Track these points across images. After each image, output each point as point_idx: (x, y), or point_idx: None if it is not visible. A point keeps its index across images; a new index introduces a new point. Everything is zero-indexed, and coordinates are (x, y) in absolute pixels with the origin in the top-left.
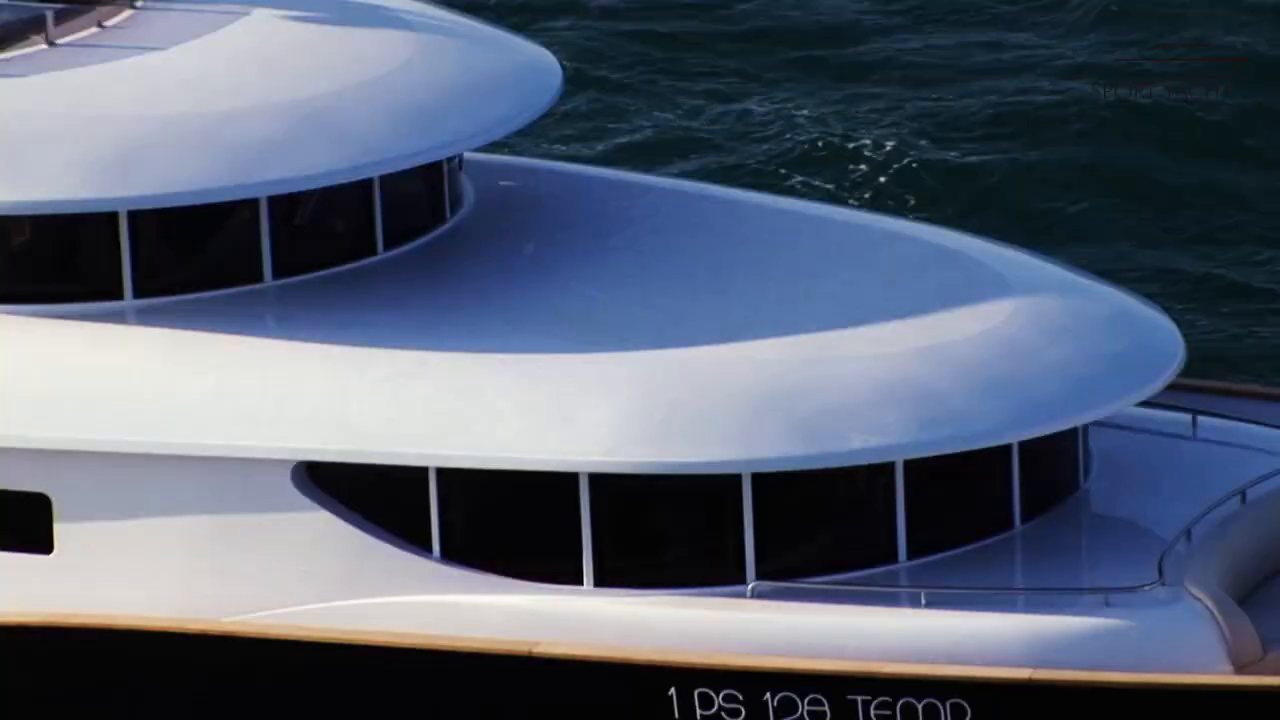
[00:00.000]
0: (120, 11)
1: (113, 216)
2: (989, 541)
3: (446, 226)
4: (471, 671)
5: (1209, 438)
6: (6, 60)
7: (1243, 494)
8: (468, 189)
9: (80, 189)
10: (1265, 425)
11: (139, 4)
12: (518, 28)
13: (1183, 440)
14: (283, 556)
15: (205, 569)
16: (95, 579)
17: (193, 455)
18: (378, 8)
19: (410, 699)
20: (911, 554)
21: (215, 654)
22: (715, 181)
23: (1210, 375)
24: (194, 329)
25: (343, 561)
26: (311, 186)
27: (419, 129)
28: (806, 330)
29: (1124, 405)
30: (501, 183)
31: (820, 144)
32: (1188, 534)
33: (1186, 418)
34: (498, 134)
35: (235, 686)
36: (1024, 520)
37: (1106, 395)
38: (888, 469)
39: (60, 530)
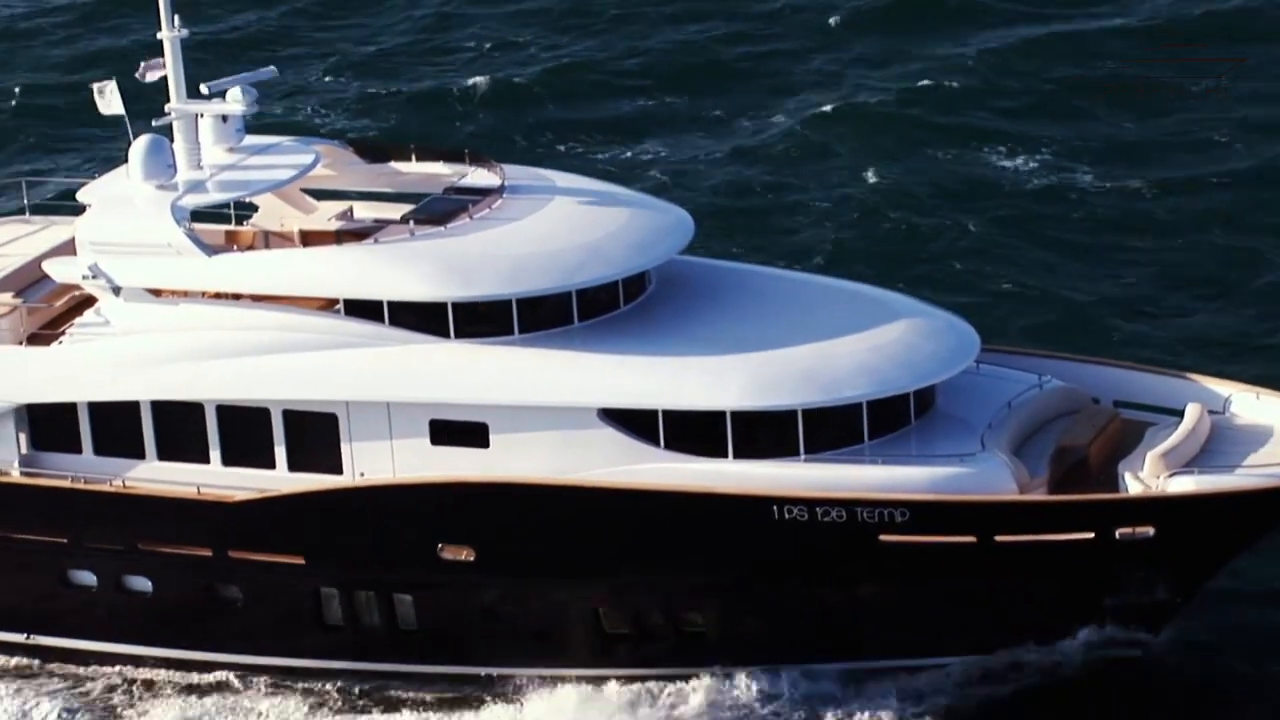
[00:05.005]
0: (498, 200)
1: (508, 301)
2: (901, 430)
3: (645, 294)
4: (681, 500)
5: (987, 374)
6: (452, 228)
7: (1010, 403)
8: (651, 273)
9: (495, 289)
10: (1015, 370)
11: (504, 195)
12: None
13: (973, 375)
14: (592, 450)
15: (563, 455)
16: (509, 461)
17: (551, 406)
18: (604, 190)
19: (650, 515)
20: (870, 439)
21: (561, 494)
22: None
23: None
24: (548, 348)
25: (619, 451)
26: (595, 285)
27: (641, 254)
28: (816, 339)
29: (961, 369)
30: (664, 268)
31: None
32: (990, 424)
33: (974, 364)
34: (669, 257)
35: (569, 506)
36: (915, 419)
37: (953, 365)
38: (859, 404)
39: (493, 439)
